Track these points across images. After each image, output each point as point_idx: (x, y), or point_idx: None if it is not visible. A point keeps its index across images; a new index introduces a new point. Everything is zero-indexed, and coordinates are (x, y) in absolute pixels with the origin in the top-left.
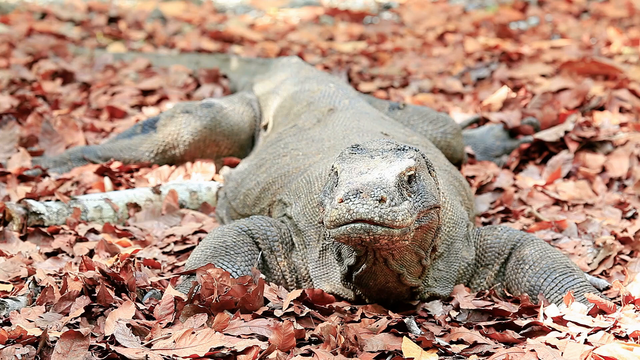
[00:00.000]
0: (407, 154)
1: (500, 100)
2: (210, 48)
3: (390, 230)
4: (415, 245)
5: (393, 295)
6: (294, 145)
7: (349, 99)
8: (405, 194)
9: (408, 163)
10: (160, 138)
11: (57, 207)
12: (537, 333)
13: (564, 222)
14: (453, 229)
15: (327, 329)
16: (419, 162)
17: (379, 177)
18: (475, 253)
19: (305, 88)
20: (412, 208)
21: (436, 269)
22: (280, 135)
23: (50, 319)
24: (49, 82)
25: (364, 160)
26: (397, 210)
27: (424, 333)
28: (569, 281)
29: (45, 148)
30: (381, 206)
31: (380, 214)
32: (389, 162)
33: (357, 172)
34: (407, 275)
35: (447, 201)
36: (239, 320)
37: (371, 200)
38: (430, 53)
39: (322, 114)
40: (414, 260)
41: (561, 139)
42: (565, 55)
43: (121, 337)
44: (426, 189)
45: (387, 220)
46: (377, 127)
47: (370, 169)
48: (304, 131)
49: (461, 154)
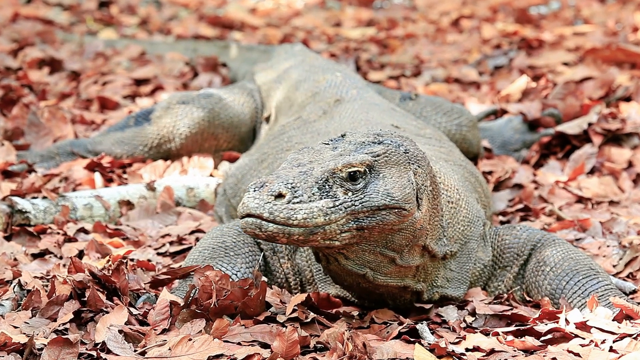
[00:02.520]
0: (369, 148)
1: (519, 90)
2: (208, 34)
3: (285, 229)
4: (376, 246)
5: (390, 298)
6: (298, 138)
7: (357, 89)
8: (337, 191)
9: (358, 158)
10: (154, 131)
11: (44, 204)
12: (559, 340)
13: (588, 221)
14: (467, 228)
15: (333, 335)
16: (387, 157)
17: (301, 171)
18: (492, 254)
19: (310, 77)
20: (334, 207)
21: (448, 268)
22: (283, 128)
23: (36, 324)
24: (36, 71)
25: (317, 152)
26: (297, 208)
27: (438, 340)
28: (593, 284)
29: (32, 141)
30: (275, 202)
31: (272, 210)
32: (338, 155)
33: (295, 164)
34: (379, 277)
35: (461, 198)
36: (239, 326)
37: (266, 195)
38: (444, 39)
39: (328, 106)
40: (381, 261)
41: (585, 131)
42: (589, 41)
43: (113, 344)
44: (379, 187)
45: (280, 217)
46: (387, 120)
47: (309, 162)
48: (309, 124)
49: (477, 148)
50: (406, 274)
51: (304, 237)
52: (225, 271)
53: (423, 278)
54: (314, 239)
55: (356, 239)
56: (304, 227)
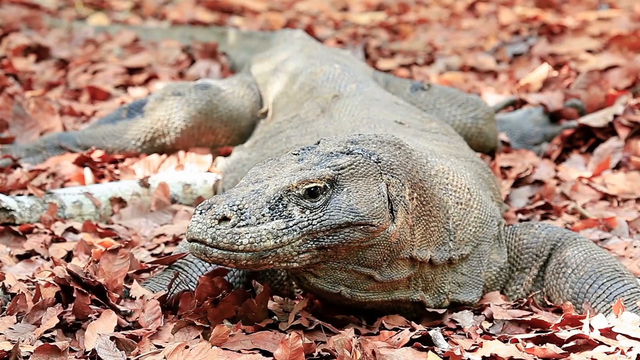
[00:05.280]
0: (334, 160)
1: (539, 79)
2: (206, 20)
3: (230, 254)
4: (347, 264)
5: (389, 311)
6: (297, 139)
7: (356, 83)
8: (293, 210)
9: (316, 173)
10: (148, 124)
11: (30, 202)
12: (583, 347)
13: (614, 219)
14: (480, 229)
15: (340, 342)
16: (353, 170)
17: (254, 189)
18: (509, 255)
19: (307, 70)
20: (286, 228)
21: (459, 273)
22: (280, 126)
23: (22, 330)
24: (21, 59)
25: (280, 165)
26: (243, 232)
27: (452, 347)
28: (618, 287)
29: (17, 134)
30: (219, 226)
31: (215, 235)
32: (298, 169)
33: (253, 179)
34: (357, 294)
35: (472, 198)
36: (240, 332)
37: (209, 219)
38: (459, 25)
39: (326, 102)
40: (357, 278)
41: (610, 124)
42: (614, 27)
43: (104, 352)
44: (341, 204)
45: (223, 243)
46: (390, 116)
47: (267, 178)
48: (307, 123)
49: (494, 142)
50: (394, 288)
51: (253, 262)
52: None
53: (423, 287)
54: (265, 263)
55: (320, 259)
56: (251, 252)
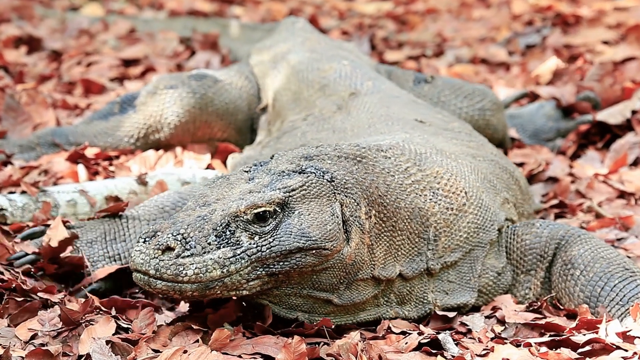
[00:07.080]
0: (285, 181)
1: (549, 71)
2: (205, 9)
3: (175, 285)
4: (301, 289)
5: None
6: (312, 135)
7: (372, 80)
8: (241, 236)
9: (265, 197)
10: (140, 120)
11: (23, 200)
12: (599, 352)
13: (631, 218)
14: (473, 235)
15: (345, 346)
16: (305, 191)
17: (200, 215)
18: (512, 257)
19: (313, 66)
20: (233, 257)
21: (445, 280)
22: (294, 123)
23: (9, 335)
24: (12, 51)
25: (229, 185)
26: (187, 263)
27: (462, 352)
28: (631, 288)
29: (9, 129)
30: (162, 257)
31: (158, 267)
32: (247, 192)
33: (200, 202)
34: (317, 319)
35: (468, 202)
36: (241, 336)
37: (152, 250)
38: (469, 15)
39: (342, 100)
40: (314, 303)
41: (627, 119)
42: (632, 17)
43: (98, 357)
44: (292, 228)
45: (167, 274)
46: (410, 114)
47: (215, 201)
48: (324, 120)
49: (502, 133)
50: (360, 309)
51: (199, 293)
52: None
53: (398, 301)
54: (212, 293)
55: (272, 284)
56: (197, 283)
